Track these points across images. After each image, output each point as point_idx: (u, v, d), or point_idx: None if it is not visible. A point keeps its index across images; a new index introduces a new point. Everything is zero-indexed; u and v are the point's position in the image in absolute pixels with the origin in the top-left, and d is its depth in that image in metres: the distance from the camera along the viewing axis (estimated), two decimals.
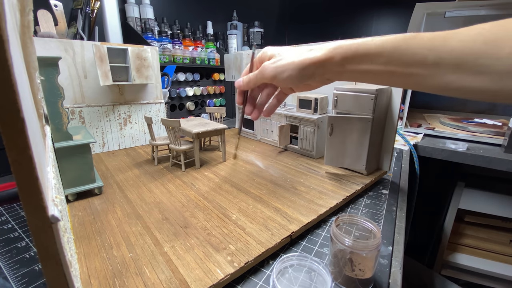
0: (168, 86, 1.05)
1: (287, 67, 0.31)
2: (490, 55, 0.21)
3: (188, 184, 0.53)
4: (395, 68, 0.26)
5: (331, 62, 0.29)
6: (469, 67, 0.22)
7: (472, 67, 0.22)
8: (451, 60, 0.22)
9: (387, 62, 0.26)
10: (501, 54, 0.20)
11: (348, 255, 0.29)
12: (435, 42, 0.23)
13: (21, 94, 0.11)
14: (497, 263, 0.92)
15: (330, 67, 0.30)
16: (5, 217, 0.44)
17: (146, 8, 1.10)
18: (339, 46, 0.29)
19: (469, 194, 0.90)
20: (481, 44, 0.21)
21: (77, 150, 0.45)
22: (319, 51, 0.30)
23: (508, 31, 0.21)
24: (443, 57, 0.23)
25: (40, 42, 0.60)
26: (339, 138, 0.55)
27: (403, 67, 0.25)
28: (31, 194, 0.12)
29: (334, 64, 0.29)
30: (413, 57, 0.24)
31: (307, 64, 0.30)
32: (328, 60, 0.29)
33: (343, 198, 0.47)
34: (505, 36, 0.21)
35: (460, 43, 0.22)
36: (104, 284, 0.28)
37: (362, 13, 1.73)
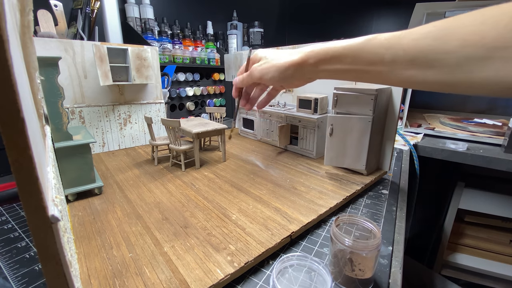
0: (168, 86, 1.05)
1: (270, 69, 0.36)
2: (439, 50, 0.22)
3: (188, 184, 0.53)
4: (360, 67, 0.29)
5: (306, 64, 0.33)
6: (421, 62, 0.24)
7: (424, 62, 0.24)
8: (405, 57, 0.25)
9: (353, 62, 0.29)
10: (449, 48, 0.22)
11: (348, 255, 0.29)
12: (391, 41, 0.26)
13: (21, 94, 0.11)
14: (497, 263, 0.92)
15: (307, 68, 0.33)
16: (5, 217, 0.44)
17: (146, 8, 1.10)
18: (312, 50, 0.32)
19: (469, 194, 0.90)
20: (430, 41, 0.23)
21: (77, 150, 0.45)
22: (296, 55, 0.34)
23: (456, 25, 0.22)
24: (398, 54, 0.25)
25: (40, 42, 0.60)
26: (339, 138, 0.55)
27: (366, 65, 0.28)
28: (31, 194, 0.12)
29: (309, 66, 0.33)
30: (373, 56, 0.27)
31: (286, 67, 0.34)
32: (303, 62, 0.33)
33: (343, 198, 0.47)
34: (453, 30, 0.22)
35: (413, 41, 0.24)
36: (104, 284, 0.28)
37: (362, 13, 1.73)
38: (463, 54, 0.21)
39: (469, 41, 0.21)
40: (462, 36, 0.21)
